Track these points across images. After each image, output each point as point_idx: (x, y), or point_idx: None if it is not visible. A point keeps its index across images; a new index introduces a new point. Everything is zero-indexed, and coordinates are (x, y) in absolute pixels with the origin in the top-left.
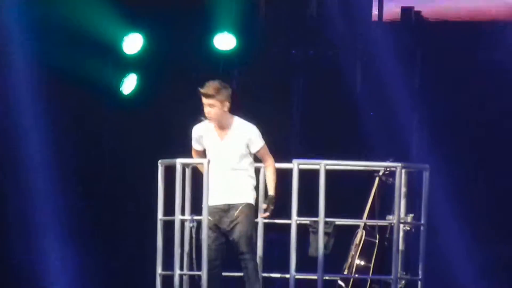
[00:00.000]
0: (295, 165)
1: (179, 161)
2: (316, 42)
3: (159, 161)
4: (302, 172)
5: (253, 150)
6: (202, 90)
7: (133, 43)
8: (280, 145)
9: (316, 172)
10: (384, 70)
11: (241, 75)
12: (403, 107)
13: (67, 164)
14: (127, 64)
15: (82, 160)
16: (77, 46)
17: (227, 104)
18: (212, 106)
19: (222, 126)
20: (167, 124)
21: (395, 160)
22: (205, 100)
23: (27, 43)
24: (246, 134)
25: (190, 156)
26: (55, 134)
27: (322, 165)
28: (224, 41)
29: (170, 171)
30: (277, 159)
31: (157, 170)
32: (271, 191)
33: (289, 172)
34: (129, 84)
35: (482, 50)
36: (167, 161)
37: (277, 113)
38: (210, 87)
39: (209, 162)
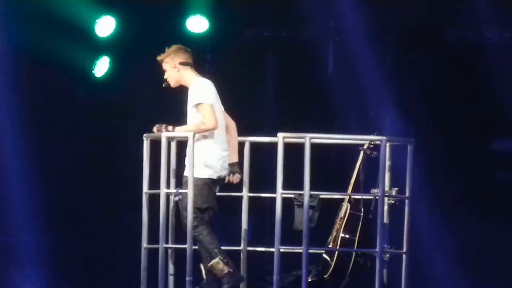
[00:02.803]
0: (281, 138)
1: (164, 135)
2: (288, 23)
3: (144, 135)
4: (287, 146)
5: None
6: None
7: (105, 26)
8: (254, 126)
9: (301, 146)
10: (356, 50)
11: (213, 58)
12: (376, 87)
13: (39, 147)
14: (99, 47)
15: (55, 143)
16: (50, 28)
17: (177, 64)
18: (165, 70)
19: (187, 89)
20: (139, 106)
21: (379, 134)
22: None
23: None
24: (190, 91)
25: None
26: (27, 117)
27: (307, 138)
28: (197, 24)
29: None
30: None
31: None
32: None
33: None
34: (101, 66)
35: (450, 27)
36: (152, 135)
37: (251, 95)
38: (161, 53)
39: (194, 135)
